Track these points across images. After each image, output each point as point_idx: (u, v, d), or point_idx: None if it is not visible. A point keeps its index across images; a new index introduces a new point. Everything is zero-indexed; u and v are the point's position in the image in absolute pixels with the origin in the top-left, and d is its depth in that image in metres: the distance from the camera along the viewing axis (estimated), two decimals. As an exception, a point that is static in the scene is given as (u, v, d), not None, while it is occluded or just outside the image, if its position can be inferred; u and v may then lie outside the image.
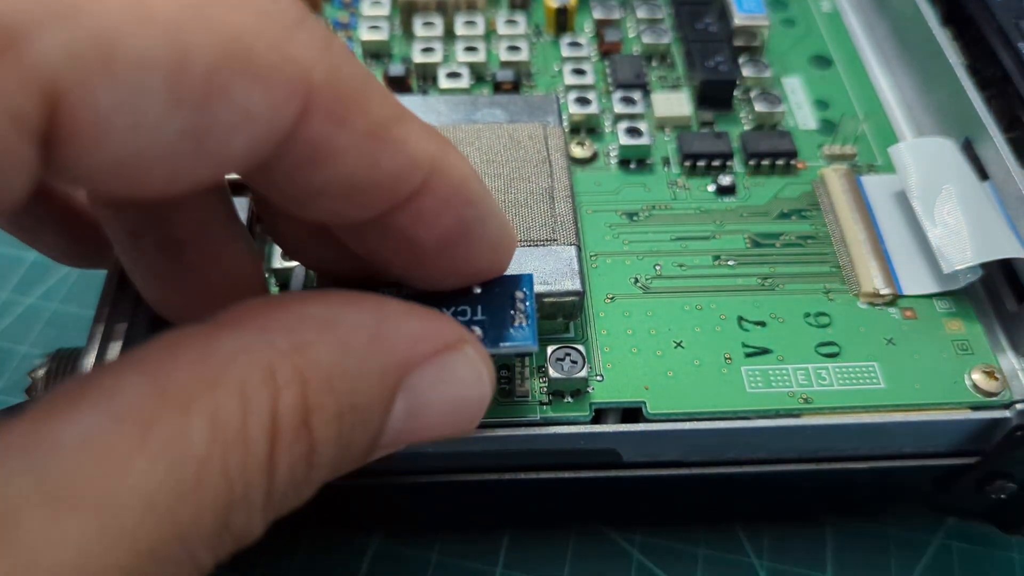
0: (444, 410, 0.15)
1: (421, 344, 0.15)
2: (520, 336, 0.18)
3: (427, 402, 0.15)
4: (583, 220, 0.25)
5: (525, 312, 0.18)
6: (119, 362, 0.12)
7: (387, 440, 0.15)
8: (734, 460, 0.22)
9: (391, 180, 0.14)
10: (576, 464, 0.22)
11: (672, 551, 0.25)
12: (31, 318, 0.30)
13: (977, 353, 0.22)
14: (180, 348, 0.12)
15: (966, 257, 0.22)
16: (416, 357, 0.14)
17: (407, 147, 0.14)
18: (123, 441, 0.11)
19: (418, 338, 0.15)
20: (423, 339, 0.15)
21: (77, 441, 0.11)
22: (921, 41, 0.28)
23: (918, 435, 0.21)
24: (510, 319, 0.18)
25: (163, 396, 0.12)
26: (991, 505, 0.23)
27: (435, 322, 0.15)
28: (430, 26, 0.30)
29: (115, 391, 0.12)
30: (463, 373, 0.15)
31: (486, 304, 0.18)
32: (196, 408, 0.12)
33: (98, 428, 0.11)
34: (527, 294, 0.18)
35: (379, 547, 0.25)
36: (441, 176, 0.15)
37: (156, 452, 0.11)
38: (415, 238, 0.15)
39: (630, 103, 0.28)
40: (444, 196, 0.15)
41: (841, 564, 0.25)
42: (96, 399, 0.11)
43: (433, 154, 0.15)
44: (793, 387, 0.21)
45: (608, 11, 0.32)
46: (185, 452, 0.11)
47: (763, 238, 0.25)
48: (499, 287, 0.18)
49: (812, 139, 0.28)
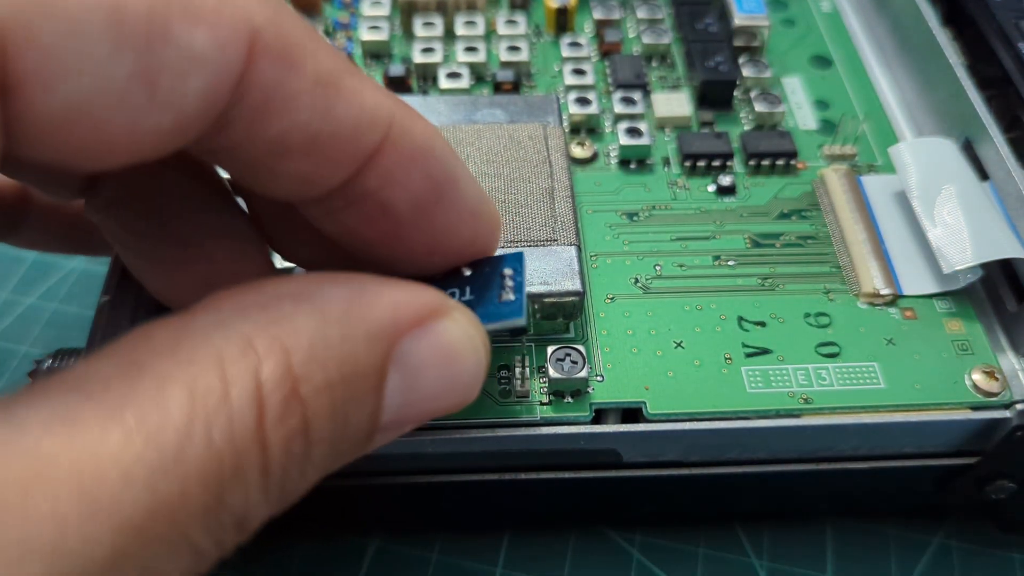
0: (440, 379, 0.15)
1: (404, 309, 0.14)
2: (507, 311, 0.17)
3: (421, 372, 0.14)
4: (583, 220, 0.25)
5: (513, 287, 0.17)
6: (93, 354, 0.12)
7: (388, 419, 0.14)
8: (734, 460, 0.22)
9: (349, 132, 0.14)
10: (576, 464, 0.22)
11: (672, 551, 0.25)
12: (31, 318, 0.30)
13: (977, 353, 0.22)
14: (154, 332, 0.12)
15: (966, 257, 0.22)
16: (402, 323, 0.14)
17: (362, 98, 0.14)
18: (95, 416, 0.11)
19: (400, 304, 0.14)
20: (405, 304, 0.14)
21: (45, 418, 0.11)
22: (921, 41, 0.28)
23: (918, 435, 0.21)
24: (497, 295, 0.17)
25: (137, 376, 0.11)
26: (991, 505, 0.23)
27: (416, 289, 0.15)
28: (430, 26, 0.30)
29: (86, 376, 0.11)
30: (454, 338, 0.15)
31: (475, 285, 0.17)
32: (172, 382, 0.11)
33: (68, 406, 0.11)
34: (517, 270, 0.17)
35: (379, 547, 0.25)
36: (403, 131, 0.14)
37: (132, 425, 0.11)
38: (387, 204, 0.15)
39: (630, 103, 0.28)
40: (408, 152, 0.15)
41: (841, 564, 0.25)
42: (65, 383, 0.11)
43: (391, 108, 0.14)
44: (793, 387, 0.21)
45: (608, 11, 0.32)
46: (163, 423, 0.11)
47: (763, 238, 0.25)
48: (488, 267, 0.18)
49: (812, 139, 0.28)
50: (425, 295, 0.15)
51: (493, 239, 0.17)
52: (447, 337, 0.15)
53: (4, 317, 0.30)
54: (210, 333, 0.12)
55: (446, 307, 0.15)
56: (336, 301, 0.14)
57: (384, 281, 0.14)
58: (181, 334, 0.12)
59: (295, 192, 0.15)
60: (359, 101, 0.14)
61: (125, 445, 0.11)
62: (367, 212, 0.15)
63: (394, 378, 0.14)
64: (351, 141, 0.14)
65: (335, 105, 0.13)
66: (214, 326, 0.12)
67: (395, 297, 0.14)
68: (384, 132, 0.14)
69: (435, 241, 0.16)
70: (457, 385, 0.15)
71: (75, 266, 0.32)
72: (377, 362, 0.14)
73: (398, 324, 0.14)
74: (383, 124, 0.14)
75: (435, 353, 0.14)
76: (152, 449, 0.11)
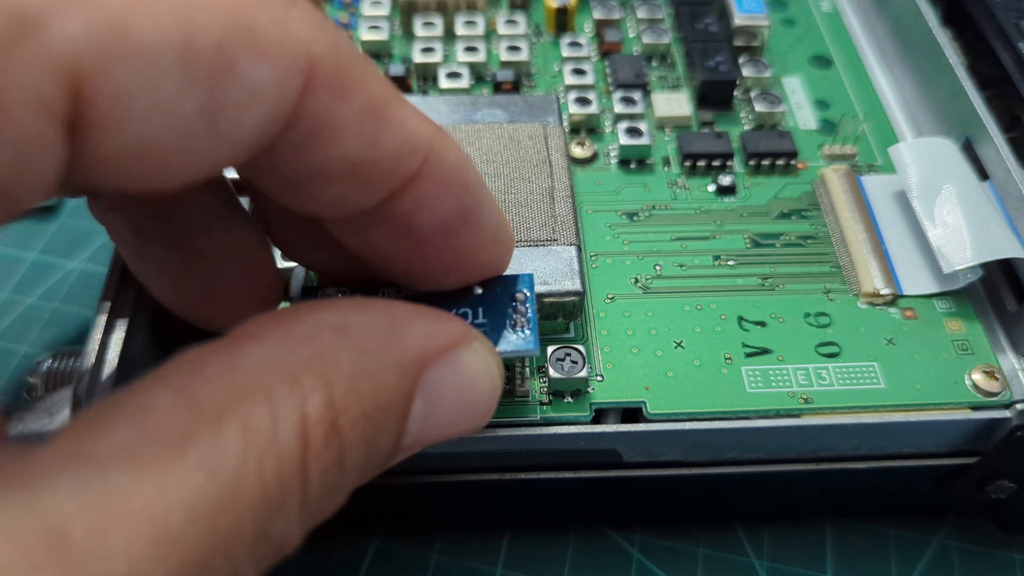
0: (459, 407, 0.15)
1: (433, 341, 0.15)
2: (521, 341, 0.18)
3: (442, 400, 0.15)
4: (583, 220, 0.25)
5: (526, 315, 0.18)
6: (145, 381, 0.12)
7: (408, 441, 0.15)
8: (734, 460, 0.22)
9: (391, 160, 0.14)
10: (576, 464, 0.22)
11: (672, 551, 0.25)
12: (31, 318, 0.30)
13: (977, 353, 0.22)
14: (205, 364, 0.13)
15: (966, 257, 0.22)
16: (430, 354, 0.15)
17: (406, 126, 0.14)
18: (161, 454, 0.11)
19: (430, 335, 0.15)
20: (435, 336, 0.15)
21: (117, 455, 0.11)
22: (921, 41, 0.28)
23: (918, 435, 0.21)
24: (511, 322, 0.18)
25: (194, 410, 0.12)
26: (991, 505, 0.23)
27: (444, 320, 0.15)
28: (430, 26, 0.30)
29: (146, 408, 0.12)
30: (473, 367, 0.15)
31: (487, 306, 0.18)
32: (228, 419, 0.12)
33: (135, 442, 0.11)
34: (528, 295, 0.18)
35: (379, 547, 0.25)
36: (439, 158, 0.15)
37: (193, 463, 0.11)
38: (415, 226, 0.15)
39: (630, 103, 0.28)
40: (443, 179, 0.15)
41: (841, 564, 0.25)
42: (127, 416, 0.12)
43: (431, 135, 0.15)
44: (793, 387, 0.21)
45: (608, 11, 0.32)
46: (221, 462, 0.11)
47: (763, 238, 0.25)
48: (499, 287, 0.18)
49: (812, 139, 0.28)
50: (451, 325, 0.15)
51: (507, 262, 0.18)
52: (467, 368, 0.15)
53: (4, 317, 0.30)
54: (259, 368, 0.13)
55: (468, 337, 0.15)
56: (374, 333, 0.14)
57: (415, 311, 0.15)
58: (232, 366, 0.13)
59: (327, 211, 0.15)
60: (402, 129, 0.14)
61: (189, 484, 0.11)
62: (393, 232, 0.15)
63: (418, 404, 0.15)
64: (392, 168, 0.14)
65: (380, 134, 0.14)
66: (263, 360, 0.13)
67: (427, 328, 0.15)
68: (423, 159, 0.15)
69: (454, 262, 0.17)
70: (474, 413, 0.16)
71: (75, 266, 0.32)
72: (407, 391, 0.14)
73: (426, 355, 0.15)
74: (422, 152, 0.15)
75: (456, 383, 0.15)
76: (213, 487, 0.11)
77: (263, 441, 0.12)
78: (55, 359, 0.21)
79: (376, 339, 0.14)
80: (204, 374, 0.12)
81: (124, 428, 0.11)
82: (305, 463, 0.12)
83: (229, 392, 0.12)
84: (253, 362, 0.13)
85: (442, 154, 0.15)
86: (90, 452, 0.11)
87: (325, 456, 0.13)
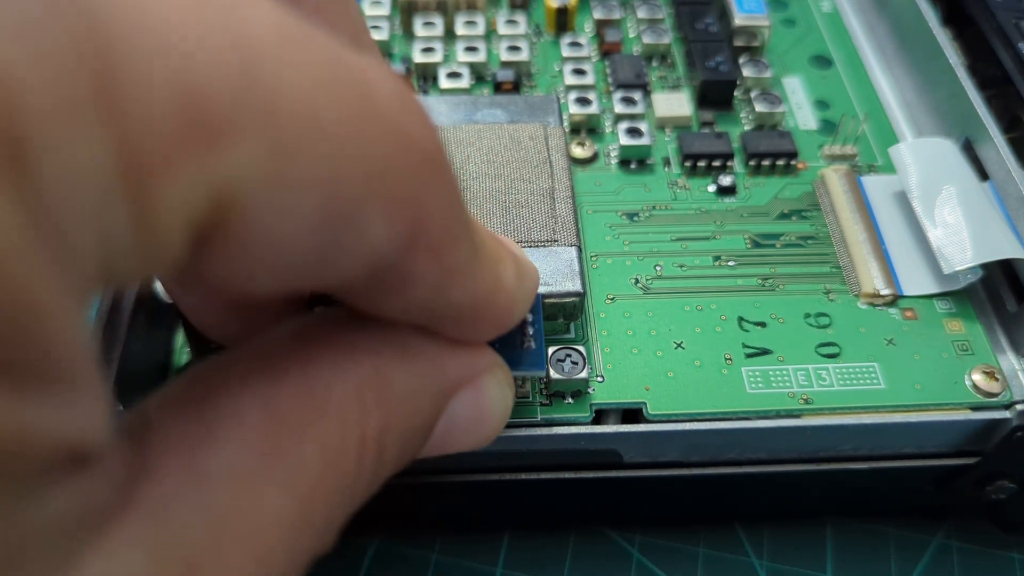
0: (473, 428, 0.16)
1: (468, 369, 0.15)
2: (529, 362, 0.18)
3: (459, 423, 0.15)
4: (583, 220, 0.25)
5: (533, 335, 0.18)
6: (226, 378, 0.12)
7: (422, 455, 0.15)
8: (734, 460, 0.22)
9: (454, 311, 0.14)
10: (577, 464, 0.22)
11: (672, 551, 0.25)
12: (31, 318, 0.30)
13: (977, 353, 0.22)
14: (282, 372, 0.13)
15: (966, 257, 0.22)
16: (462, 381, 0.15)
17: (476, 283, 0.14)
18: (257, 471, 0.11)
19: (467, 364, 0.15)
20: (470, 365, 0.15)
21: (225, 473, 0.11)
22: (921, 41, 0.28)
23: (918, 435, 0.21)
24: (519, 342, 0.18)
25: (280, 425, 0.12)
26: (991, 505, 0.23)
27: (479, 349, 0.16)
28: (430, 26, 0.30)
29: (239, 419, 0.12)
30: (493, 395, 0.16)
31: None
32: (309, 436, 0.12)
33: (236, 458, 0.11)
34: (535, 315, 0.19)
35: (379, 547, 0.25)
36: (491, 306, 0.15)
37: (283, 481, 0.12)
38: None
39: (630, 103, 0.28)
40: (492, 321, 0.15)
41: (841, 564, 0.25)
42: (229, 428, 0.12)
43: (491, 287, 0.15)
44: (793, 387, 0.21)
45: (608, 11, 0.32)
46: (304, 481, 0.12)
47: (763, 238, 0.25)
48: None
49: (812, 139, 0.28)
50: (484, 355, 0.16)
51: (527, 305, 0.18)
52: (488, 395, 0.16)
53: (4, 317, 0.30)
54: (332, 383, 0.13)
55: (493, 365, 0.16)
56: (425, 357, 0.14)
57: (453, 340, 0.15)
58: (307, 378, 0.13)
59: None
60: (474, 287, 0.14)
61: (279, 502, 0.11)
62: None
63: (440, 424, 0.15)
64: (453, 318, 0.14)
65: (452, 290, 0.14)
66: (334, 374, 0.13)
67: (464, 357, 0.15)
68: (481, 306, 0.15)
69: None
70: (483, 436, 0.16)
71: (75, 266, 0.32)
72: (437, 414, 0.15)
73: (460, 383, 0.15)
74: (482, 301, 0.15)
75: (476, 408, 0.16)
76: (297, 508, 0.12)
77: (335, 459, 0.12)
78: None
79: (425, 364, 0.14)
80: (284, 385, 0.12)
81: (229, 444, 0.11)
82: (357, 479, 0.13)
83: (309, 408, 0.12)
84: (325, 376, 0.13)
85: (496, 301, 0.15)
86: (204, 468, 0.11)
87: (370, 472, 0.13)
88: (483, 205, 0.22)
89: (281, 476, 0.12)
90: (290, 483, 0.12)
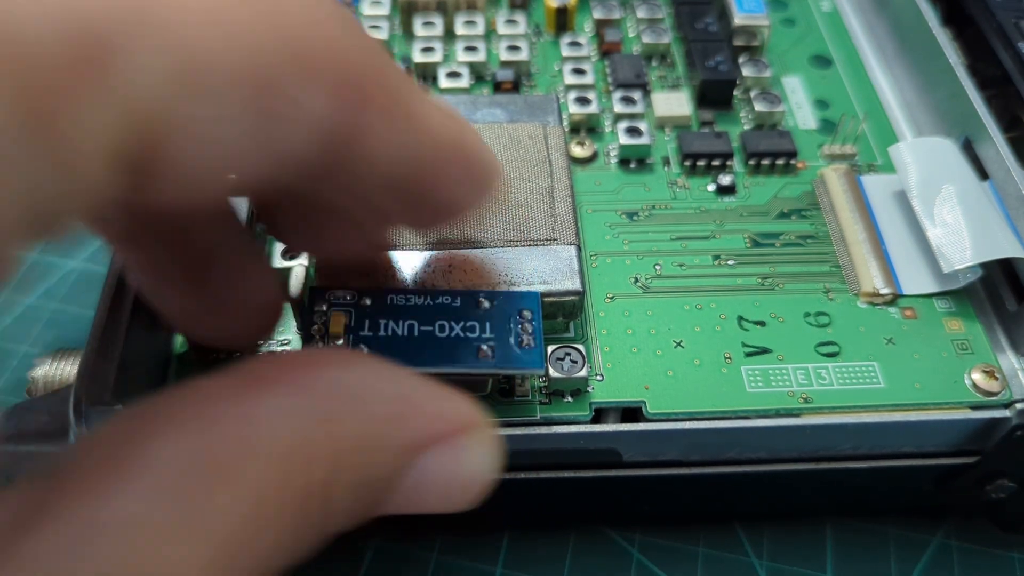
0: (447, 492, 0.15)
1: (440, 424, 0.14)
2: (528, 359, 0.18)
3: (433, 481, 0.14)
4: (583, 220, 0.25)
5: (532, 333, 0.19)
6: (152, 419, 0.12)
7: (385, 511, 0.14)
8: (734, 460, 0.22)
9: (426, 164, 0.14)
10: (576, 464, 0.22)
11: (672, 551, 0.25)
12: (31, 318, 0.30)
13: (977, 353, 0.22)
14: (219, 412, 0.12)
15: (966, 257, 0.22)
16: (433, 436, 0.14)
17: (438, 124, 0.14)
18: (167, 520, 0.11)
19: (438, 418, 0.14)
20: (443, 419, 0.14)
21: (119, 523, 0.10)
22: (921, 41, 0.28)
23: (918, 435, 0.21)
24: (518, 339, 0.19)
25: (205, 468, 0.11)
26: (991, 505, 0.23)
27: (455, 403, 0.15)
28: (430, 26, 0.30)
29: (149, 464, 0.11)
30: (473, 456, 0.15)
31: (494, 322, 0.19)
32: (239, 483, 0.11)
33: (136, 507, 0.11)
34: (534, 313, 0.19)
35: (379, 547, 0.25)
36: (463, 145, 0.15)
37: (194, 531, 0.11)
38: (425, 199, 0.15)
39: (630, 103, 0.28)
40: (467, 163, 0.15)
41: (841, 564, 0.25)
42: (134, 470, 0.11)
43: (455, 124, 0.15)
44: (793, 387, 0.21)
45: (608, 11, 0.32)
46: (221, 530, 0.11)
47: (763, 238, 0.25)
48: (506, 302, 0.19)
49: (812, 139, 0.28)
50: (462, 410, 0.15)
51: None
52: (466, 457, 0.15)
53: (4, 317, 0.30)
54: (275, 424, 0.12)
55: (474, 424, 0.15)
56: (385, 408, 0.14)
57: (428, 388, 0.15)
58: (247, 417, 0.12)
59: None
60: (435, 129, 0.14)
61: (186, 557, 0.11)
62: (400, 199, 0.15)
63: (409, 480, 0.14)
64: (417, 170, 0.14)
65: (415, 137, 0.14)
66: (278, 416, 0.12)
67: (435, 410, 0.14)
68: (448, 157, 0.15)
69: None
70: (456, 501, 0.15)
71: (75, 266, 0.32)
72: (400, 469, 0.14)
73: (430, 438, 0.14)
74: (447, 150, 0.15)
75: (451, 470, 0.14)
76: (211, 559, 0.11)
77: (269, 510, 0.12)
78: (55, 359, 0.21)
79: (386, 415, 0.14)
80: (216, 423, 0.12)
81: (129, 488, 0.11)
82: (299, 527, 0.12)
83: (235, 452, 0.12)
84: (268, 416, 0.12)
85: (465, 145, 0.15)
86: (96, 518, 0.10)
87: (314, 522, 0.12)
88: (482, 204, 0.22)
89: (192, 525, 0.11)
90: (204, 532, 0.11)
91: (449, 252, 0.21)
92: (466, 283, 0.21)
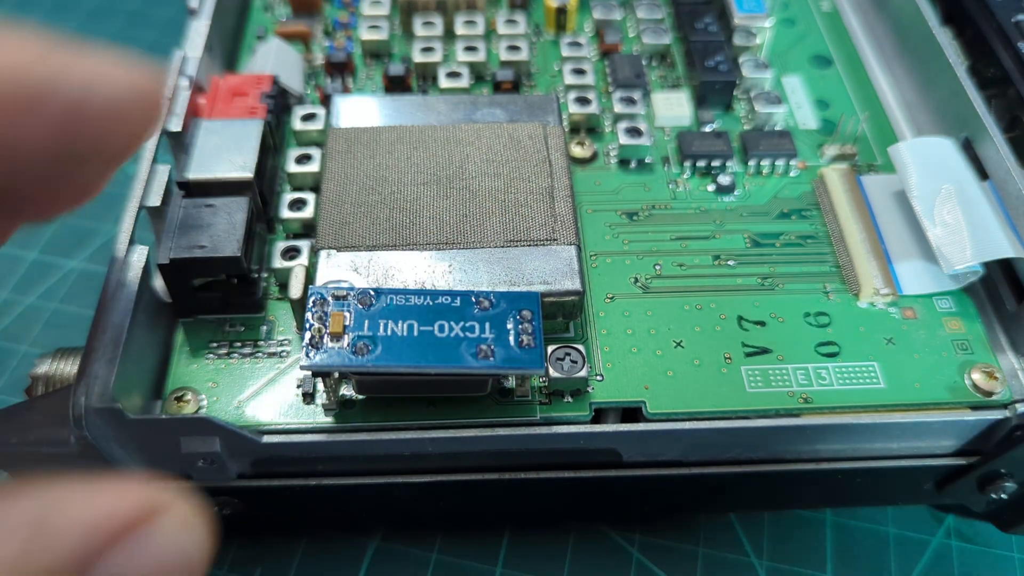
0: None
1: (107, 523, 0.12)
2: (529, 359, 0.19)
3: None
4: (583, 220, 0.25)
5: (532, 333, 0.19)
6: None
7: None
8: (734, 460, 0.22)
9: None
10: (576, 464, 0.22)
11: (672, 551, 0.25)
12: (31, 318, 0.30)
13: (977, 353, 0.22)
14: None
15: (966, 257, 0.22)
16: (102, 539, 0.12)
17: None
18: None
19: (101, 517, 0.12)
20: (108, 516, 0.12)
21: None
22: (921, 41, 0.28)
23: (918, 435, 0.21)
24: (518, 340, 0.19)
25: None
26: (991, 505, 0.23)
27: (123, 492, 0.13)
28: (430, 26, 0.30)
29: None
30: (169, 541, 0.13)
31: (494, 321, 0.19)
32: None
33: None
34: (534, 313, 0.19)
35: (379, 547, 0.25)
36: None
37: None
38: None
39: (630, 103, 0.28)
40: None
41: (841, 564, 0.25)
42: None
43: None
44: (793, 387, 0.21)
45: (608, 11, 0.32)
46: None
47: (763, 238, 0.25)
48: (506, 302, 0.19)
49: (812, 139, 0.28)
50: (134, 497, 0.13)
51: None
52: (161, 544, 0.13)
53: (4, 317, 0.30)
54: None
55: (160, 504, 0.13)
56: (16, 533, 0.11)
57: (81, 489, 0.12)
58: None
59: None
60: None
61: None
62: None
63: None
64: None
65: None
66: None
67: (93, 510, 0.12)
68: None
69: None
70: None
71: (75, 266, 0.32)
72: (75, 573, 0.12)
73: (99, 542, 0.12)
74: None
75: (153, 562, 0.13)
76: None
77: None
78: (55, 359, 0.21)
79: (17, 540, 0.11)
80: None
81: None
82: None
83: None
84: None
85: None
86: None
87: None
88: (483, 204, 0.22)
89: None
90: None
91: (449, 252, 0.21)
92: (466, 283, 0.21)
